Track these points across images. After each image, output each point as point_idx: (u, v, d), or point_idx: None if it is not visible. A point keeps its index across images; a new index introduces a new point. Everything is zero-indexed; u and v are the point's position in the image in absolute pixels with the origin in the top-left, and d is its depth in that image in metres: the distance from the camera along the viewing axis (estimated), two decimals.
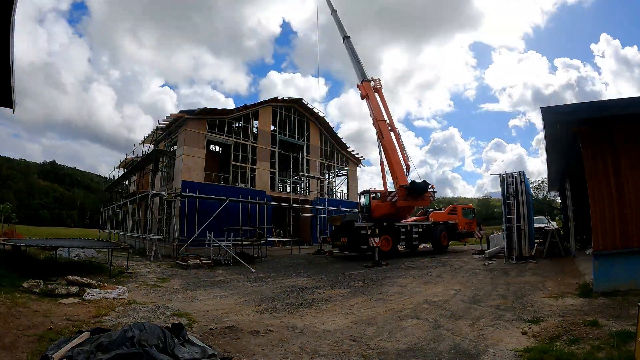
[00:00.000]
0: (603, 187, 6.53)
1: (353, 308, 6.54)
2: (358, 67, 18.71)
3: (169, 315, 5.84)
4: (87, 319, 5.35)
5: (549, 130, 7.79)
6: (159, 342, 3.52)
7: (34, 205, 75.68)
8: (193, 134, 18.28)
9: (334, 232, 17.50)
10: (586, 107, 6.89)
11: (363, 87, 17.96)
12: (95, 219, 58.21)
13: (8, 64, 5.03)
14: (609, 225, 6.37)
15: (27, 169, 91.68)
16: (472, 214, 19.58)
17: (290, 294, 7.93)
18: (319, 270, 12.50)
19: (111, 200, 28.45)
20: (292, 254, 19.27)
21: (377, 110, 17.35)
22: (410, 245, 17.23)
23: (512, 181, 12.54)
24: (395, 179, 16.46)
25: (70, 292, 6.73)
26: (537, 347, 4.04)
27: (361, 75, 18.36)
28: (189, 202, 16.94)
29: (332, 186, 28.19)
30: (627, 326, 4.34)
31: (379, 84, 18.40)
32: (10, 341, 4.12)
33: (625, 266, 6.22)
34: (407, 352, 4.19)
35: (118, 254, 13.64)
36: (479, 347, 4.27)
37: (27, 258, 10.32)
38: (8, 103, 6.18)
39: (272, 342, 4.57)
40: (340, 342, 4.57)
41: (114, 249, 11.89)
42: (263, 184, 21.32)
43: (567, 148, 8.80)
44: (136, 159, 22.40)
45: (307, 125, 25.07)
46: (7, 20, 4.22)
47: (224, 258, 13.96)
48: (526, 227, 12.11)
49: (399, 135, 17.55)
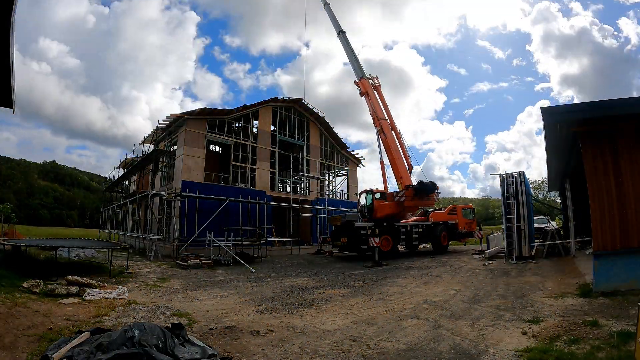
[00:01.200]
0: (603, 187, 6.52)
1: (353, 308, 6.54)
2: (355, 64, 18.55)
3: (169, 316, 5.84)
4: (87, 319, 5.35)
5: (549, 131, 7.79)
6: (159, 342, 3.52)
7: (34, 205, 75.64)
8: (193, 134, 18.27)
9: (334, 232, 17.49)
10: (586, 107, 6.89)
11: (362, 84, 17.88)
12: (95, 219, 58.21)
13: (8, 64, 5.03)
14: (609, 225, 6.37)
15: (27, 169, 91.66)
16: (472, 214, 19.58)
17: (290, 294, 7.93)
18: (319, 270, 12.49)
19: (111, 200, 28.47)
20: (292, 254, 19.27)
21: (377, 108, 17.29)
22: (410, 246, 17.23)
23: (512, 181, 12.55)
24: (399, 178, 16.41)
25: (70, 292, 6.74)
26: (537, 347, 4.04)
27: (359, 71, 18.24)
28: (189, 202, 16.94)
29: (332, 186, 28.19)
30: (627, 326, 4.34)
31: (377, 81, 18.34)
32: (10, 341, 4.12)
33: (625, 266, 6.22)
34: (407, 352, 4.19)
35: (118, 254, 13.64)
36: (479, 347, 4.27)
37: (27, 258, 10.32)
38: (8, 103, 6.18)
39: (272, 342, 4.57)
40: (340, 342, 4.57)
41: (114, 249, 11.88)
42: (263, 184, 21.31)
43: (567, 148, 8.80)
44: (136, 159, 22.40)
45: (307, 125, 25.06)
46: (7, 20, 4.22)
47: (224, 258, 13.96)
48: (526, 227, 12.11)
49: (400, 134, 17.54)
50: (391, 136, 16.93)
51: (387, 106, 17.87)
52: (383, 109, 17.54)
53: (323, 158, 26.04)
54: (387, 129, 16.95)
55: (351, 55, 18.81)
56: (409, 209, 16.74)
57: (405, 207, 16.19)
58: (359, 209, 17.53)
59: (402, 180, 16.23)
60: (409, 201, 15.86)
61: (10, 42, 4.62)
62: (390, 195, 16.65)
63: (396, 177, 16.67)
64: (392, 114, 17.82)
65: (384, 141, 16.89)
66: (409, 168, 16.95)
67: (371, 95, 17.56)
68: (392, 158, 16.60)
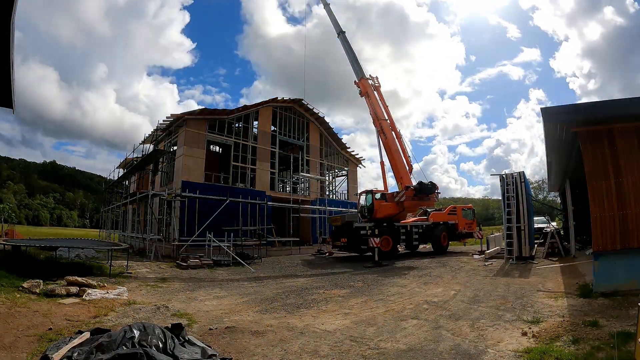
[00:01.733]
0: (603, 187, 6.52)
1: (353, 308, 6.54)
2: (355, 64, 18.52)
3: (169, 316, 5.84)
4: (87, 319, 5.35)
5: (549, 131, 7.79)
6: (159, 343, 3.52)
7: (34, 205, 75.65)
8: (193, 134, 18.28)
9: (334, 232, 17.47)
10: (586, 108, 6.90)
11: (362, 85, 17.84)
12: (95, 219, 58.22)
13: (8, 64, 5.03)
14: (609, 225, 6.36)
15: (27, 169, 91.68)
16: (472, 215, 19.55)
17: (290, 295, 7.93)
18: (318, 270, 12.49)
19: (111, 200, 28.44)
20: (292, 255, 19.26)
21: (378, 108, 17.24)
22: (410, 246, 17.21)
23: (512, 182, 12.54)
24: (399, 179, 16.39)
25: (70, 293, 6.73)
26: (537, 347, 4.04)
27: (359, 72, 18.21)
28: (189, 203, 16.94)
29: (332, 186, 28.18)
30: (627, 326, 4.34)
31: (377, 82, 18.27)
32: (10, 341, 4.12)
33: (625, 266, 6.22)
34: (407, 352, 4.19)
35: (118, 254, 13.63)
36: (479, 347, 4.26)
37: (27, 258, 10.32)
38: (8, 103, 6.18)
39: (272, 343, 4.57)
40: (340, 343, 4.57)
41: (114, 249, 11.88)
42: (263, 184, 21.31)
43: (567, 148, 8.81)
44: (136, 159, 22.39)
45: (307, 125, 25.06)
46: (7, 20, 4.22)
47: (224, 258, 13.96)
48: (526, 227, 12.11)
49: (400, 135, 17.51)
50: (391, 137, 16.91)
51: (387, 106, 17.85)
52: (383, 110, 17.52)
53: (323, 158, 26.05)
54: (388, 130, 16.93)
55: (352, 55, 18.78)
56: (409, 210, 16.71)
57: (405, 208, 16.17)
58: (359, 210, 17.52)
59: (402, 181, 16.20)
60: (408, 202, 15.85)
61: (10, 43, 4.62)
62: (390, 195, 16.64)
63: (396, 178, 16.65)
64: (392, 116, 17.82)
65: (384, 142, 16.86)
66: (409, 168, 16.91)
67: (371, 95, 17.55)
68: (392, 159, 16.59)
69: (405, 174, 16.38)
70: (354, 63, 18.61)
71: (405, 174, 16.41)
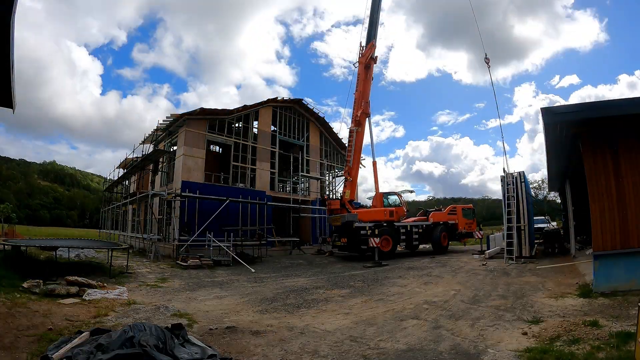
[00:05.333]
0: (603, 187, 6.53)
1: (353, 308, 6.54)
2: (376, 24, 17.51)
3: (169, 316, 5.83)
4: (87, 319, 5.34)
5: (549, 131, 7.79)
6: (159, 343, 3.52)
7: (34, 205, 75.65)
8: (193, 134, 18.26)
9: (333, 232, 17.50)
10: (586, 108, 6.89)
11: (371, 49, 17.05)
12: (95, 219, 58.13)
13: (8, 64, 5.03)
14: (609, 226, 6.37)
15: (27, 169, 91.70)
16: (472, 214, 19.56)
17: (290, 295, 7.93)
18: (319, 270, 12.49)
19: (111, 200, 28.44)
20: (292, 255, 19.26)
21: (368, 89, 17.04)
22: (410, 246, 17.22)
23: (512, 181, 12.55)
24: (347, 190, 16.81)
25: (70, 293, 6.73)
26: (537, 347, 4.04)
27: (374, 34, 17.24)
28: (188, 203, 16.93)
29: (333, 186, 28.15)
30: (627, 326, 4.34)
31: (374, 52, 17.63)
32: (10, 341, 4.11)
33: (625, 266, 6.22)
34: (407, 352, 4.19)
35: (118, 254, 13.62)
36: (479, 347, 4.26)
37: (27, 258, 10.30)
38: (8, 103, 6.17)
39: (272, 343, 4.57)
40: (340, 343, 4.57)
41: (114, 249, 11.89)
42: (263, 184, 21.29)
43: (567, 148, 8.80)
44: (136, 159, 22.39)
45: (307, 125, 25.05)
46: (7, 20, 4.22)
47: (224, 258, 13.95)
48: (526, 227, 12.11)
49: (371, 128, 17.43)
50: (362, 134, 17.02)
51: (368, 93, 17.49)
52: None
53: (323, 158, 26.02)
54: (364, 121, 16.97)
55: (376, 12, 17.62)
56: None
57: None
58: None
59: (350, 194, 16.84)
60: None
61: (10, 42, 4.61)
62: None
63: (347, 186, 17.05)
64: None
65: (359, 133, 16.81)
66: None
67: (372, 67, 17.32)
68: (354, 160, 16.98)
69: (354, 187, 17.16)
70: (375, 21, 17.41)
71: (354, 187, 17.21)
